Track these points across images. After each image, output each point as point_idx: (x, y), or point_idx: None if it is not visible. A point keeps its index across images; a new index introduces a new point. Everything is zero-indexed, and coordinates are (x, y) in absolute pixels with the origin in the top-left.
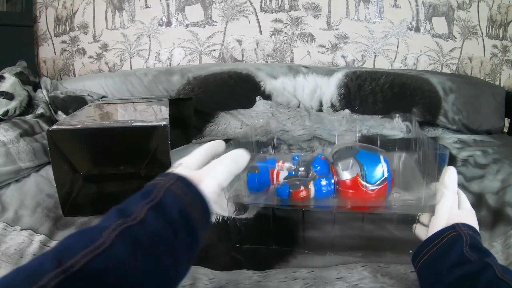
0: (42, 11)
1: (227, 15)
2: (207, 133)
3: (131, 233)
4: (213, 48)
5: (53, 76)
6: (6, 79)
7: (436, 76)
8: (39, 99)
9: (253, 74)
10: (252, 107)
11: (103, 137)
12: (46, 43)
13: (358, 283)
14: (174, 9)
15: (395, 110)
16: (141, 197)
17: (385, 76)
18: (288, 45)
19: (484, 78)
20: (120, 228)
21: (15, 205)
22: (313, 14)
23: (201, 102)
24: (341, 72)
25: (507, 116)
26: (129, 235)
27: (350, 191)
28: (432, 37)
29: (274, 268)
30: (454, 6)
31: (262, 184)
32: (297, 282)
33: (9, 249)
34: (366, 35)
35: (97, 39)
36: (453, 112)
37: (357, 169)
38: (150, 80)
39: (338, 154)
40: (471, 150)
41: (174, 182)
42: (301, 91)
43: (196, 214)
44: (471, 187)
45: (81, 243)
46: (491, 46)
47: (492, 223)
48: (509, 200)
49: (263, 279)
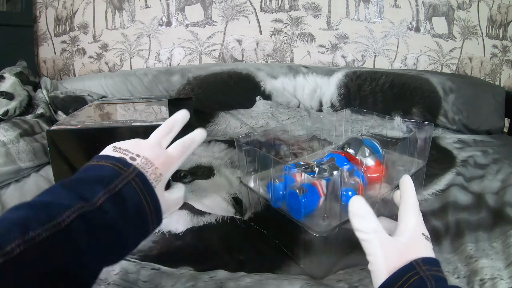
0: (42, 11)
1: (227, 15)
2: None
3: (87, 218)
4: (213, 48)
5: (53, 76)
6: (6, 79)
7: (436, 76)
8: (39, 99)
9: (253, 74)
10: (252, 107)
11: (102, 137)
12: (46, 43)
13: (358, 284)
14: (174, 9)
15: (395, 110)
16: (101, 181)
17: (385, 76)
18: (288, 45)
19: (484, 78)
20: (79, 212)
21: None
22: (313, 14)
23: (201, 102)
24: (341, 72)
25: (507, 116)
26: (85, 220)
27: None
28: (432, 37)
29: (276, 273)
30: (454, 6)
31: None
32: (298, 281)
33: None
34: (366, 35)
35: (97, 39)
36: (453, 112)
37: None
38: (150, 80)
39: (349, 146)
40: (471, 150)
41: (135, 180)
42: (301, 91)
43: (149, 215)
44: (471, 187)
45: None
46: (491, 46)
47: (492, 223)
48: (509, 200)
49: (264, 278)
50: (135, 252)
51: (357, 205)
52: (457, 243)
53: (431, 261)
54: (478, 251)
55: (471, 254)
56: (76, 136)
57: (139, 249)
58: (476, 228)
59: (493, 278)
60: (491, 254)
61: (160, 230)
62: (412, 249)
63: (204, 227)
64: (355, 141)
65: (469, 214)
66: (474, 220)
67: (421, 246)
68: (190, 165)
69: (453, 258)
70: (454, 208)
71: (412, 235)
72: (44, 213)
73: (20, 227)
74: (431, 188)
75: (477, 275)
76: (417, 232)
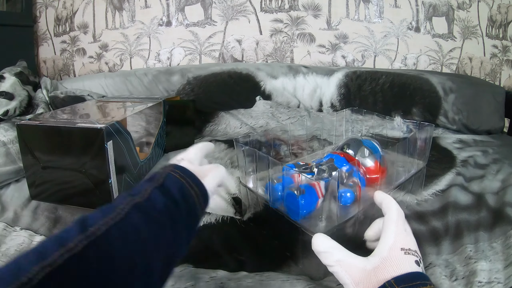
0: (42, 11)
1: (227, 15)
2: (207, 133)
3: (140, 207)
4: (213, 48)
5: (53, 76)
6: (6, 79)
7: (436, 76)
8: (39, 99)
9: (253, 74)
10: (252, 107)
11: (52, 134)
12: (46, 43)
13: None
14: (174, 9)
15: (395, 110)
16: (147, 181)
17: (385, 76)
18: (288, 45)
19: (484, 78)
20: (132, 203)
21: (15, 205)
22: (313, 14)
23: (201, 102)
24: (341, 72)
25: (507, 116)
26: (139, 209)
27: (374, 176)
28: (432, 37)
29: (276, 271)
30: (454, 6)
31: (313, 202)
32: (300, 282)
33: (9, 250)
34: (366, 35)
35: (97, 39)
36: (453, 112)
37: (371, 154)
38: (150, 80)
39: (348, 147)
40: (471, 150)
41: (175, 171)
42: (301, 91)
43: (195, 196)
44: (471, 187)
45: (99, 214)
46: (491, 46)
47: (492, 223)
48: (509, 200)
49: (265, 278)
50: None
51: (318, 242)
52: (457, 243)
53: (407, 277)
54: (478, 252)
55: (470, 255)
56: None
57: None
58: (476, 228)
59: (490, 282)
60: (491, 255)
61: None
62: (386, 269)
63: (204, 227)
64: (354, 142)
65: (469, 214)
66: (474, 220)
67: (397, 263)
68: None
69: (452, 259)
70: (454, 209)
71: (387, 254)
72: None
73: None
74: (431, 188)
75: (476, 276)
76: (394, 249)
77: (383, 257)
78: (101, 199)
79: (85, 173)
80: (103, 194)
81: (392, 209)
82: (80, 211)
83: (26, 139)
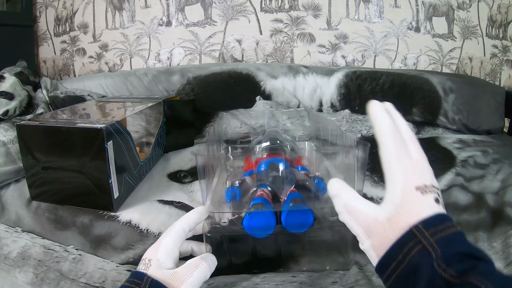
0: (42, 11)
1: (227, 15)
2: (207, 133)
3: None
4: (213, 48)
5: (53, 76)
6: (6, 79)
7: (436, 76)
8: (39, 99)
9: (253, 74)
10: (252, 107)
11: (52, 134)
12: (46, 43)
13: (354, 285)
14: (174, 9)
15: None
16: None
17: (385, 76)
18: (288, 45)
19: (484, 78)
20: None
21: (15, 206)
22: (313, 14)
23: (201, 102)
24: (341, 72)
25: (507, 116)
26: None
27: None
28: (432, 37)
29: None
30: (454, 6)
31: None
32: (294, 285)
33: (11, 253)
34: (366, 35)
35: (97, 39)
36: (453, 112)
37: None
38: (150, 80)
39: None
40: (471, 150)
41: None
42: (301, 91)
43: None
44: (471, 187)
45: None
46: (491, 46)
47: (492, 223)
48: (509, 200)
49: (260, 281)
50: (135, 255)
51: (332, 186)
52: None
53: (435, 219)
54: None
55: None
56: (35, 131)
57: (139, 254)
58: (476, 228)
59: None
60: (491, 254)
61: (160, 232)
62: (402, 219)
63: None
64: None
65: (469, 214)
66: (474, 220)
67: (415, 209)
68: (191, 165)
69: None
70: (454, 209)
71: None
72: None
73: None
74: None
75: None
76: (408, 192)
77: (396, 204)
78: (102, 199)
79: (85, 173)
80: (103, 194)
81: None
82: (81, 212)
83: (26, 139)
